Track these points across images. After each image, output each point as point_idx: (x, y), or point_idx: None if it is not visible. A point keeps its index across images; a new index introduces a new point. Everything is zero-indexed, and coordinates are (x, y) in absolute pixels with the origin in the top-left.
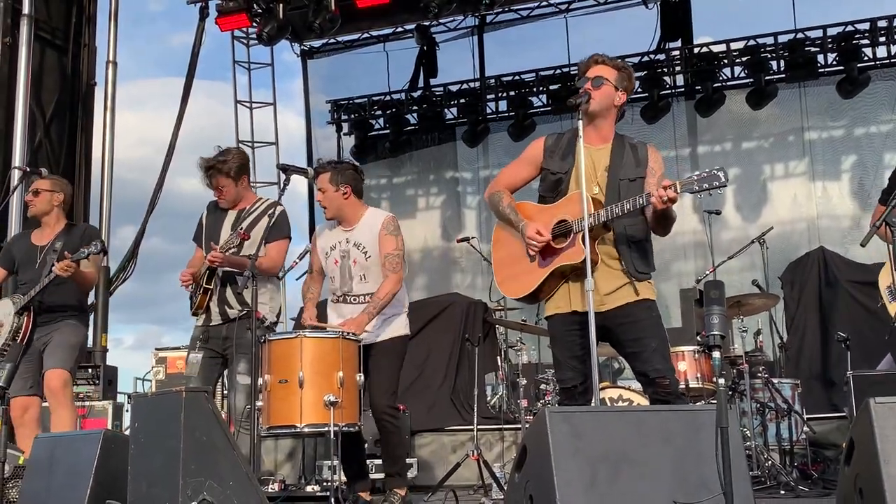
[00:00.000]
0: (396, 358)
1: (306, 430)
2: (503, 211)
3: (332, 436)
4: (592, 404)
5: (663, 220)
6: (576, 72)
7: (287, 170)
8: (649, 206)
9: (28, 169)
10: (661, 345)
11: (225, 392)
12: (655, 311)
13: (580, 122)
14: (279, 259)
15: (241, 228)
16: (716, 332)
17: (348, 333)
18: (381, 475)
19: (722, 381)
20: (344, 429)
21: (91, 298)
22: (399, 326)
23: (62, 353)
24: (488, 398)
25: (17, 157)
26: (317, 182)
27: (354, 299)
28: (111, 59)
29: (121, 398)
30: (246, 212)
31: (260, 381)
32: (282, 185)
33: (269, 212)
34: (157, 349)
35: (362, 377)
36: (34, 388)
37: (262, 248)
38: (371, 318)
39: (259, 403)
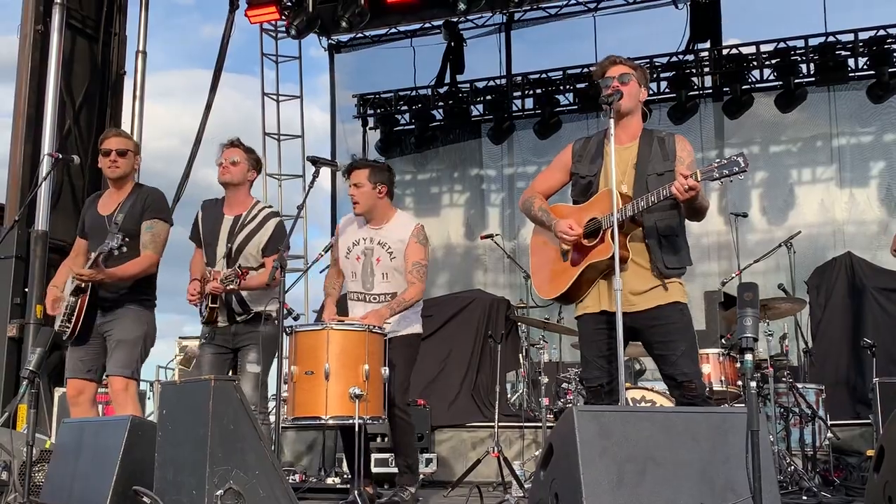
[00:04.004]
0: (411, 355)
1: (331, 421)
2: (535, 214)
3: (356, 428)
4: (619, 404)
5: (693, 210)
6: None
7: (316, 162)
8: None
9: (59, 155)
10: (690, 348)
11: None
12: (686, 314)
13: (611, 121)
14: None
15: (240, 267)
16: (748, 335)
17: (374, 327)
18: (383, 469)
19: (753, 383)
20: (368, 422)
21: None
22: (414, 324)
23: (123, 357)
24: (509, 396)
25: (47, 144)
26: (353, 176)
27: (374, 298)
28: (141, 48)
29: (143, 385)
30: (243, 220)
31: (285, 371)
32: (311, 178)
33: (267, 224)
34: (180, 338)
35: (387, 371)
36: (92, 372)
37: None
38: (392, 314)
39: (284, 394)
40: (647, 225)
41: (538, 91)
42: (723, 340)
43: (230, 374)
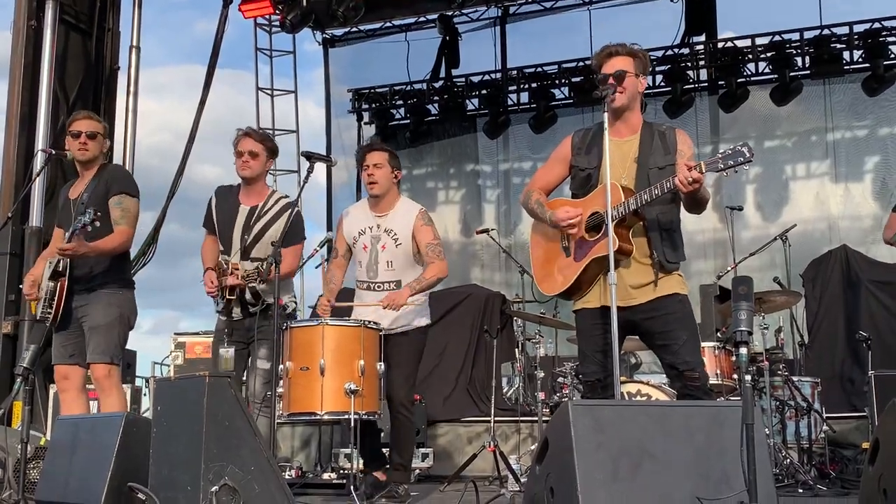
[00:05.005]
0: (416, 349)
1: (326, 417)
2: (531, 207)
3: (351, 423)
4: (615, 398)
5: (694, 202)
6: None
7: (311, 157)
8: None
9: (53, 151)
10: (692, 338)
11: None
12: (687, 305)
13: (605, 115)
14: (295, 263)
15: (263, 267)
16: (743, 329)
17: (370, 322)
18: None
19: (748, 377)
20: (364, 417)
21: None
22: (420, 317)
23: (101, 343)
24: (505, 390)
25: (41, 140)
26: (371, 157)
27: (379, 287)
28: (134, 43)
29: (138, 382)
30: (259, 211)
31: (281, 367)
32: (306, 173)
33: (285, 214)
34: (176, 334)
35: (383, 366)
36: (75, 356)
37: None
38: (413, 293)
39: (279, 390)
40: (650, 218)
41: (534, 85)
42: (718, 334)
43: (246, 367)
